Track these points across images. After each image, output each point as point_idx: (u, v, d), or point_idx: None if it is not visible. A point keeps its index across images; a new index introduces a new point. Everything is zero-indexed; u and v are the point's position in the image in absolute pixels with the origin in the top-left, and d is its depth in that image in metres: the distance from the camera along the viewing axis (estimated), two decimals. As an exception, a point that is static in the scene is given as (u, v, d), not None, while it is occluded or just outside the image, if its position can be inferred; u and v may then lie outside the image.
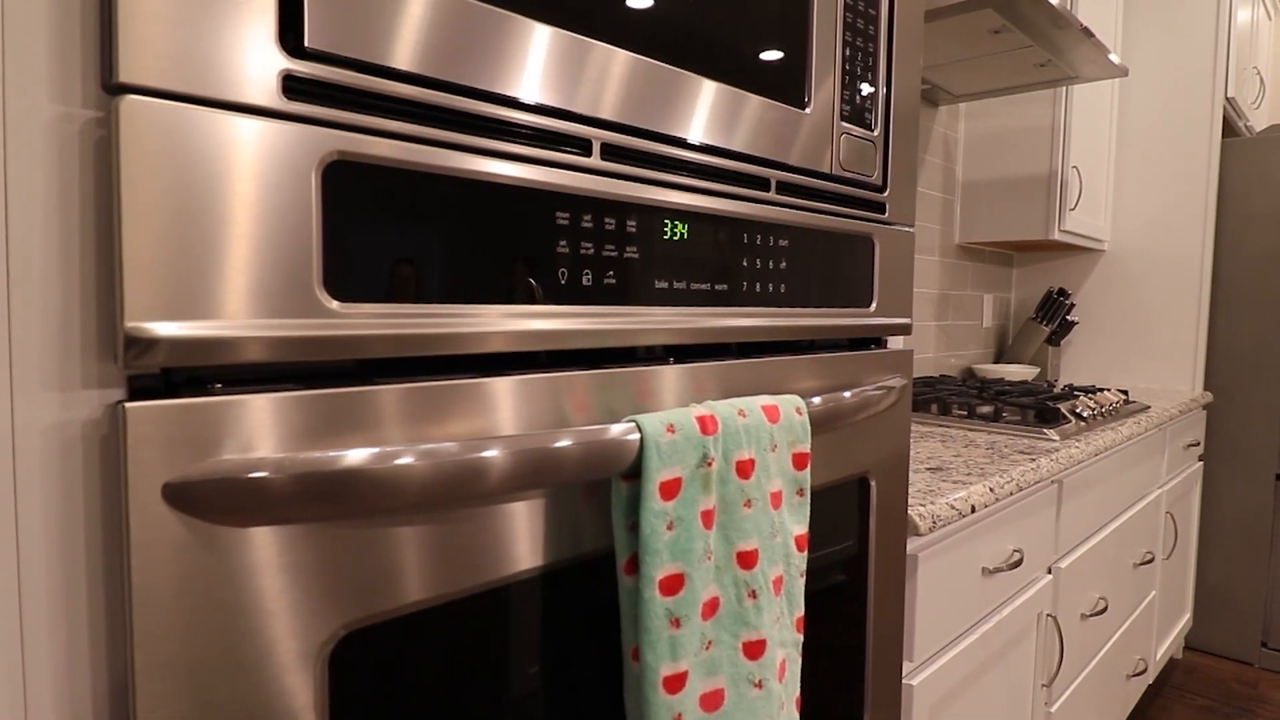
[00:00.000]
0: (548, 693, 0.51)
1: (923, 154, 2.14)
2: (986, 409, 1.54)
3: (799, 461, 0.58)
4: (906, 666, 0.94)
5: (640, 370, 0.55)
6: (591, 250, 0.51)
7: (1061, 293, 2.38)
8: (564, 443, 0.44)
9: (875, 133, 0.77)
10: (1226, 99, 2.26)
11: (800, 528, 0.58)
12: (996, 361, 2.59)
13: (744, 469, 0.53)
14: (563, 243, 0.50)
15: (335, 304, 0.39)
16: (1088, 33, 1.60)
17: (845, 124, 0.73)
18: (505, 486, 0.42)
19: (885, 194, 0.79)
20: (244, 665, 0.37)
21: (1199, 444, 2.22)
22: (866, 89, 0.75)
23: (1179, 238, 2.29)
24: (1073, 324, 2.41)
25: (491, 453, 0.41)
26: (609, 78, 0.52)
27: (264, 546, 0.37)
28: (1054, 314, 2.39)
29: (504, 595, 0.48)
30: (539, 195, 0.48)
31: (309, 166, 0.38)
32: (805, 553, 0.59)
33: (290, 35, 0.38)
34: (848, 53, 0.72)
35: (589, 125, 0.51)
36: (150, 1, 0.33)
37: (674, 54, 0.56)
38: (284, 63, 0.37)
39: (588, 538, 0.53)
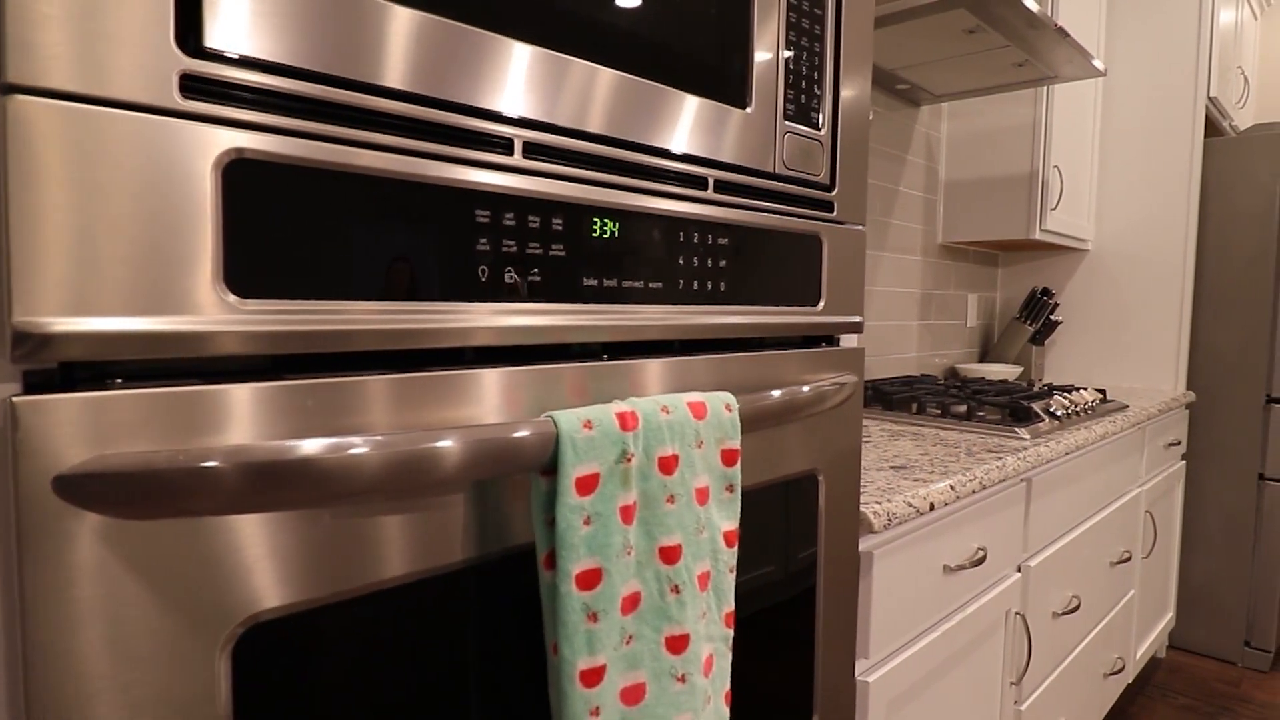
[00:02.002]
0: (473, 687, 0.51)
1: (904, 154, 2.14)
2: (961, 408, 1.54)
3: (728, 458, 0.58)
4: (862, 664, 0.95)
5: (575, 367, 0.56)
6: (514, 248, 0.52)
7: (1045, 292, 2.38)
8: (475, 439, 0.45)
9: (822, 132, 0.77)
10: (1209, 99, 2.26)
11: (730, 524, 0.59)
12: (981, 361, 2.60)
13: (667, 465, 0.53)
14: (483, 240, 0.50)
15: (235, 299, 0.39)
16: (1063, 33, 1.60)
17: (789, 123, 0.73)
18: (410, 481, 0.43)
19: (834, 193, 0.80)
20: (143, 657, 0.38)
21: (1180, 443, 2.22)
22: (812, 88, 0.75)
23: (1162, 237, 2.29)
24: (1056, 323, 2.41)
25: (397, 448, 0.42)
26: (534, 78, 0.52)
27: (162, 539, 0.38)
28: (1038, 313, 2.39)
29: (423, 589, 0.48)
30: (451, 193, 0.48)
31: (207, 165, 0.38)
32: (735, 548, 0.59)
33: (190, 36, 0.38)
34: (791, 52, 0.72)
35: (511, 125, 0.51)
36: (42, 2, 0.34)
37: (605, 54, 0.56)
38: (182, 62, 0.38)
39: (516, 532, 0.53)
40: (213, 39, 0.38)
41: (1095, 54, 2.22)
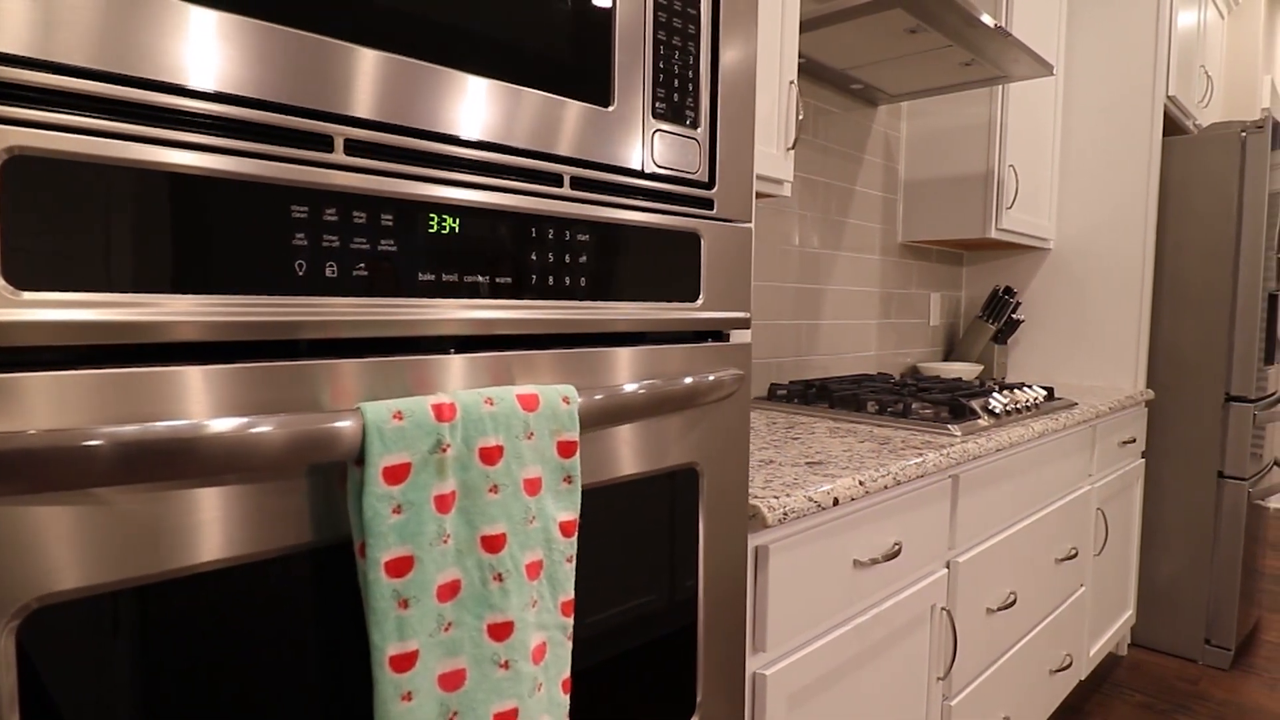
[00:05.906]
0: (298, 675, 0.52)
1: (861, 153, 2.15)
2: (898, 405, 1.55)
3: (565, 449, 0.59)
4: (761, 658, 0.96)
5: (419, 360, 0.57)
6: (337, 243, 0.53)
7: (1008, 291, 2.39)
8: (269, 428, 0.46)
9: (699, 130, 0.78)
10: (1169, 98, 2.27)
11: (567, 514, 0.60)
12: (946, 359, 2.60)
13: (489, 455, 0.54)
14: (300, 235, 0.51)
15: (10, 290, 0.41)
16: (1003, 32, 1.61)
17: (659, 122, 0.74)
18: (203, 469, 0.44)
19: (713, 191, 0.81)
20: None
21: (1135, 440, 2.22)
22: (686, 87, 0.76)
23: (1122, 236, 2.30)
24: (1018, 322, 2.42)
25: (186, 434, 0.43)
26: (350, 74, 0.53)
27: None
28: (999, 312, 2.40)
29: (238, 575, 0.49)
30: (260, 190, 0.49)
31: (-21, 161, 0.40)
32: (574, 538, 0.60)
33: (-38, 35, 0.39)
34: (661, 51, 0.74)
35: (328, 121, 0.52)
36: None
37: (446, 54, 0.58)
38: (-49, 62, 0.39)
39: (344, 521, 0.54)
40: (-16, 39, 0.40)
41: (1052, 54, 2.22)
